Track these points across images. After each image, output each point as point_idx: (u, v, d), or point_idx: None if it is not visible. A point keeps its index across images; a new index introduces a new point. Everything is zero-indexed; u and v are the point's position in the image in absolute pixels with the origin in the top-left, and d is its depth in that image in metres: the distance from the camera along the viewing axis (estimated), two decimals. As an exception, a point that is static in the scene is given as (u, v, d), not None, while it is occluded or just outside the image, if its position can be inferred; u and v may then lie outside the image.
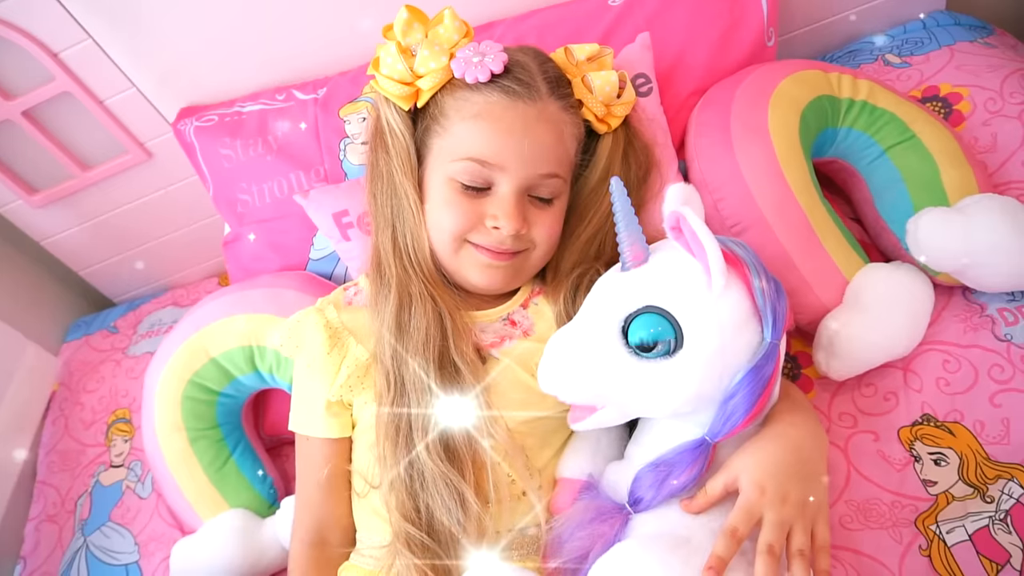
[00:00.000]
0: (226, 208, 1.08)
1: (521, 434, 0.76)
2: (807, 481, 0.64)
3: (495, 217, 0.75)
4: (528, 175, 0.76)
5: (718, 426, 0.66)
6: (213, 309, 0.98)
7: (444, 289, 0.79)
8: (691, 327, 0.64)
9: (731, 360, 0.64)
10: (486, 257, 0.77)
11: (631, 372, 0.66)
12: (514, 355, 0.78)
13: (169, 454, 0.95)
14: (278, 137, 1.04)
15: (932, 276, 0.87)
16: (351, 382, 0.78)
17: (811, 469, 0.65)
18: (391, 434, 0.74)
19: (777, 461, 0.64)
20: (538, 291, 0.84)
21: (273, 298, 0.96)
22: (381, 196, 0.81)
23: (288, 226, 1.03)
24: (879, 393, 0.85)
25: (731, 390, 0.65)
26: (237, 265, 1.08)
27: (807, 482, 0.64)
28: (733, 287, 0.64)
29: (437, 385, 0.73)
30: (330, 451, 0.81)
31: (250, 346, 0.95)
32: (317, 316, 0.81)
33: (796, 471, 0.64)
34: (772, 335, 0.65)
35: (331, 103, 1.04)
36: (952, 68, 1.07)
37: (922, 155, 0.91)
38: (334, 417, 0.80)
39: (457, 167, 0.76)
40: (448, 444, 0.72)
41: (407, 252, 0.79)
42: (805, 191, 0.86)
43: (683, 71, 0.98)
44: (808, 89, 0.93)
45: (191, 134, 1.08)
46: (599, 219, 0.83)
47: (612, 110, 0.83)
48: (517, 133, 0.74)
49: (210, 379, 0.96)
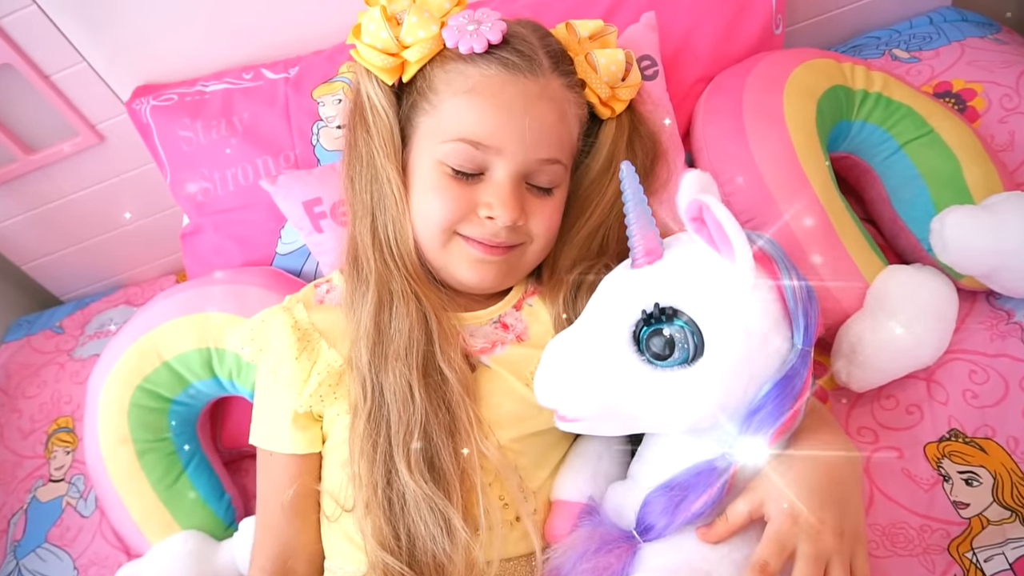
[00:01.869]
0: (184, 196, 0.98)
1: (514, 452, 0.68)
2: (843, 507, 0.56)
3: (489, 206, 0.67)
4: (527, 159, 0.68)
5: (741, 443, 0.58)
6: (167, 307, 0.89)
7: (429, 287, 0.70)
8: (713, 331, 0.56)
9: (758, 369, 0.57)
10: (477, 251, 0.69)
11: (643, 382, 0.58)
12: (506, 362, 0.70)
13: (114, 468, 0.87)
14: (244, 119, 0.95)
15: (955, 280, 0.81)
16: (322, 391, 0.70)
17: (847, 493, 0.58)
18: (367, 450, 0.66)
19: (810, 485, 0.56)
20: (532, 291, 0.77)
21: (234, 295, 0.87)
22: (360, 181, 0.72)
23: (253, 217, 0.95)
24: (901, 406, 0.79)
25: (757, 403, 0.57)
26: (196, 259, 1.00)
27: (843, 508, 0.56)
28: (761, 287, 0.57)
29: (420, 395, 0.65)
30: (296, 468, 0.73)
31: (207, 348, 0.87)
32: (284, 316, 0.72)
33: (831, 496, 0.56)
34: (804, 341, 0.57)
35: (304, 83, 0.96)
36: (964, 64, 1.03)
37: (942, 151, 0.86)
38: (302, 430, 0.72)
39: (447, 149, 0.68)
40: (433, 462, 0.64)
41: (388, 244, 0.70)
42: (824, 185, 0.80)
43: (688, 56, 0.92)
44: (823, 78, 0.87)
45: (147, 114, 0.99)
46: (601, 212, 0.75)
47: (617, 93, 0.76)
48: (516, 111, 0.66)
49: (162, 385, 0.88)
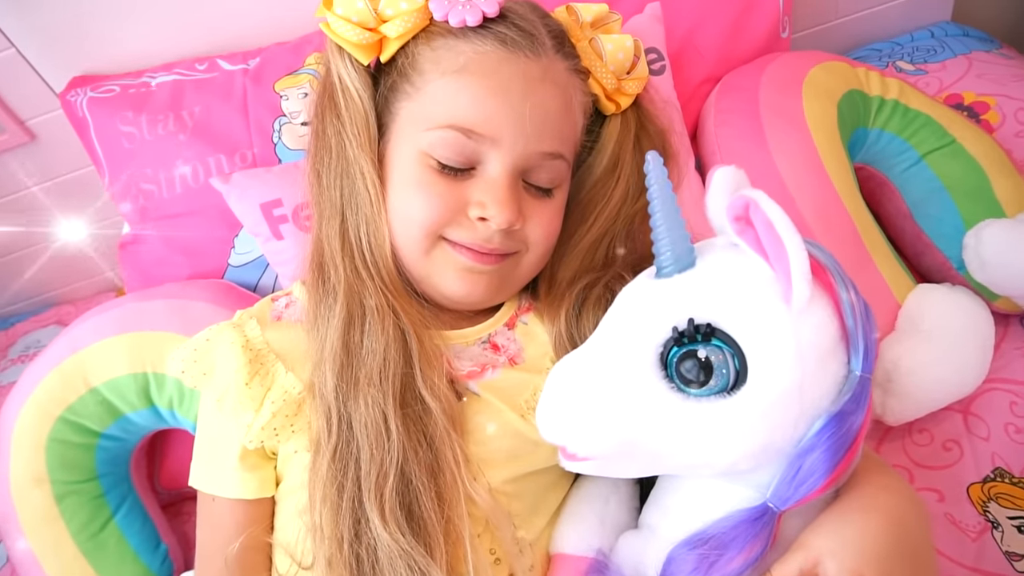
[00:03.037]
0: (125, 200, 0.86)
1: (507, 496, 0.57)
2: (917, 568, 0.47)
3: (482, 205, 0.58)
4: (527, 151, 0.58)
5: (787, 490, 0.48)
6: (97, 325, 0.77)
7: (408, 300, 0.60)
8: (759, 354, 0.47)
9: (811, 400, 0.47)
10: (466, 259, 0.59)
11: (671, 415, 0.48)
12: (497, 389, 0.60)
13: (27, 514, 0.74)
14: (195, 113, 0.84)
15: (989, 301, 0.74)
16: (276, 423, 0.59)
17: (918, 549, 0.48)
18: (332, 496, 0.54)
19: (875, 541, 0.47)
20: (527, 307, 0.67)
21: (177, 312, 0.76)
22: (328, 175, 0.62)
23: (203, 223, 0.84)
24: (936, 441, 0.70)
25: (808, 442, 0.48)
26: (136, 272, 0.88)
27: (916, 568, 0.47)
28: (817, 302, 0.48)
29: (397, 428, 0.54)
30: (244, 516, 0.61)
31: (144, 373, 0.75)
32: (233, 334, 0.61)
33: (901, 553, 0.47)
34: (863, 366, 0.48)
35: (265, 75, 0.86)
36: (973, 77, 0.98)
37: (966, 162, 0.79)
38: (251, 471, 0.61)
39: (432, 138, 0.58)
40: (412, 510, 0.53)
41: (360, 250, 0.60)
42: (850, 193, 0.72)
43: (693, 55, 0.84)
44: (840, 80, 0.80)
45: (83, 106, 0.87)
46: (606, 219, 0.66)
47: (623, 86, 0.67)
48: (515, 95, 0.57)
49: (88, 416, 0.75)
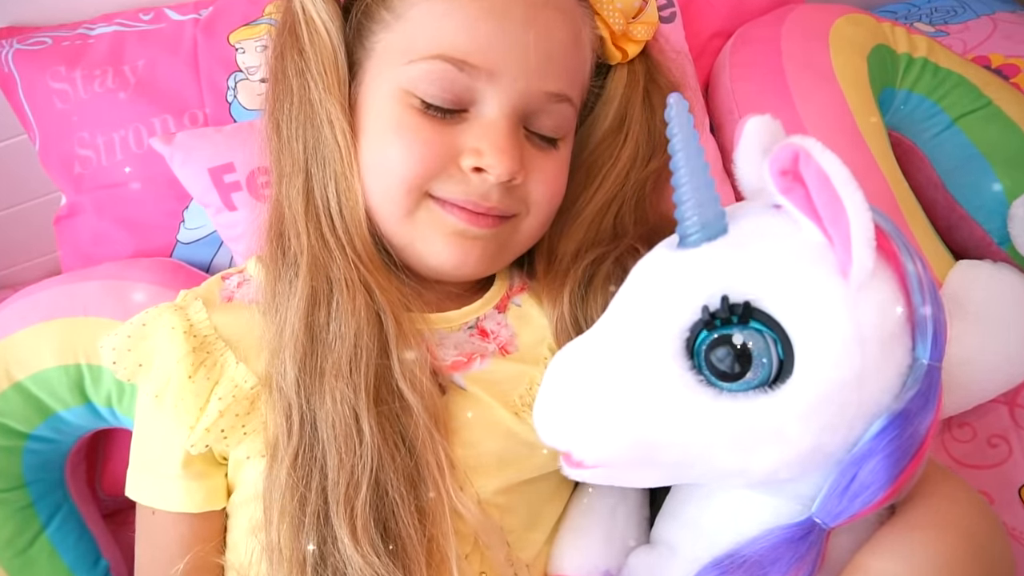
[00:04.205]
0: (59, 168, 0.76)
1: (499, 508, 0.49)
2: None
3: (477, 152, 0.48)
4: (529, 89, 0.49)
5: (838, 503, 0.40)
6: (20, 311, 0.67)
7: (386, 275, 0.51)
8: (809, 339, 0.38)
9: (870, 396, 0.39)
10: (458, 219, 0.50)
11: (700, 414, 0.40)
12: (487, 383, 0.51)
13: None
14: (138, 68, 0.74)
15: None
16: (225, 423, 0.50)
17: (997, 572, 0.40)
18: (292, 510, 0.46)
19: (949, 564, 0.39)
20: (521, 286, 0.58)
21: (115, 294, 0.66)
22: (289, 125, 0.52)
23: (148, 194, 0.73)
24: (979, 436, 0.63)
25: (866, 446, 0.39)
26: (73, 250, 0.78)
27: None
28: (881, 275, 0.39)
29: (371, 428, 0.46)
30: (190, 533, 0.53)
31: (77, 365, 0.64)
32: (175, 318, 0.51)
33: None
34: (932, 354, 0.40)
35: (218, 25, 0.75)
36: (1000, 38, 0.91)
37: (1005, 125, 0.72)
38: (197, 479, 0.52)
39: (416, 72, 0.49)
40: (388, 527, 0.45)
41: (328, 213, 0.51)
42: (886, 157, 0.64)
43: (703, 6, 0.76)
44: (868, 34, 0.72)
45: (9, 61, 0.77)
46: (614, 182, 0.57)
47: (631, 30, 0.58)
48: (516, 19, 0.48)
49: (12, 415, 0.65)
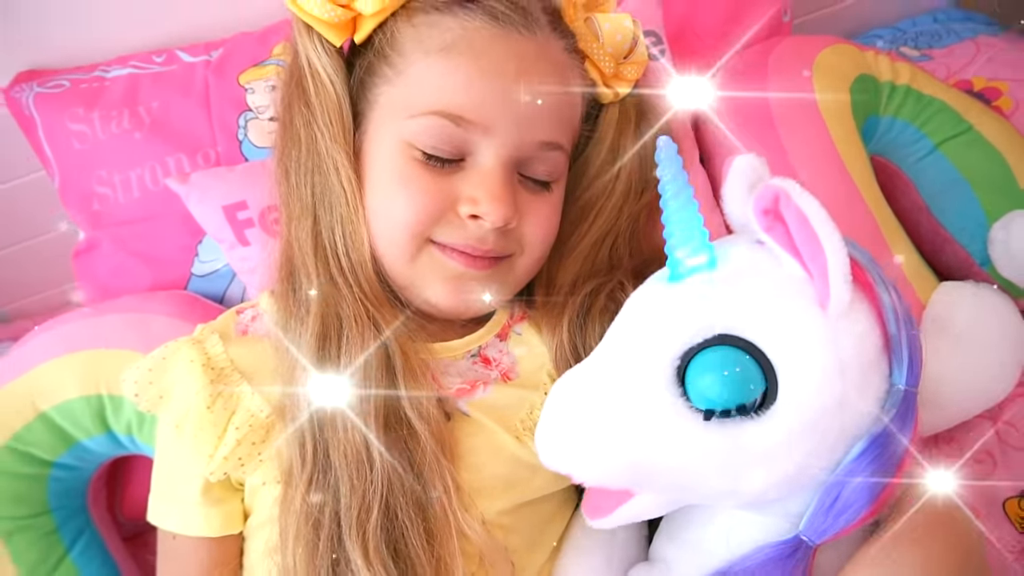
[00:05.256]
0: (77, 205, 0.80)
1: (503, 529, 0.52)
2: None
3: (474, 200, 0.52)
4: (522, 140, 0.52)
5: (823, 521, 0.43)
6: (45, 344, 0.70)
7: (391, 310, 0.54)
8: (792, 368, 0.41)
9: (851, 421, 0.42)
10: (458, 263, 0.53)
11: (691, 439, 0.42)
12: (490, 408, 0.54)
13: None
14: (152, 109, 0.77)
15: (1016, 298, 0.68)
16: (242, 451, 0.52)
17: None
18: (307, 533, 0.49)
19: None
20: (521, 315, 0.61)
21: (135, 327, 0.69)
22: (298, 171, 0.55)
23: (163, 229, 0.77)
24: (965, 451, 0.65)
25: (848, 467, 0.42)
26: (92, 283, 0.81)
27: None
28: (858, 306, 0.42)
29: (381, 455, 0.48)
30: (209, 556, 0.55)
31: (98, 395, 0.67)
32: (193, 351, 0.54)
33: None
34: (909, 379, 0.43)
35: (229, 67, 0.79)
36: (983, 61, 0.94)
37: (986, 151, 0.75)
38: (216, 505, 0.55)
39: (417, 126, 0.52)
40: (398, 548, 0.48)
41: (336, 254, 0.54)
42: (869, 186, 0.67)
43: (692, 40, 0.79)
44: (851, 64, 0.75)
45: (30, 103, 0.80)
46: (608, 215, 0.60)
47: (621, 70, 0.61)
48: (508, 76, 0.51)
49: (38, 444, 0.68)
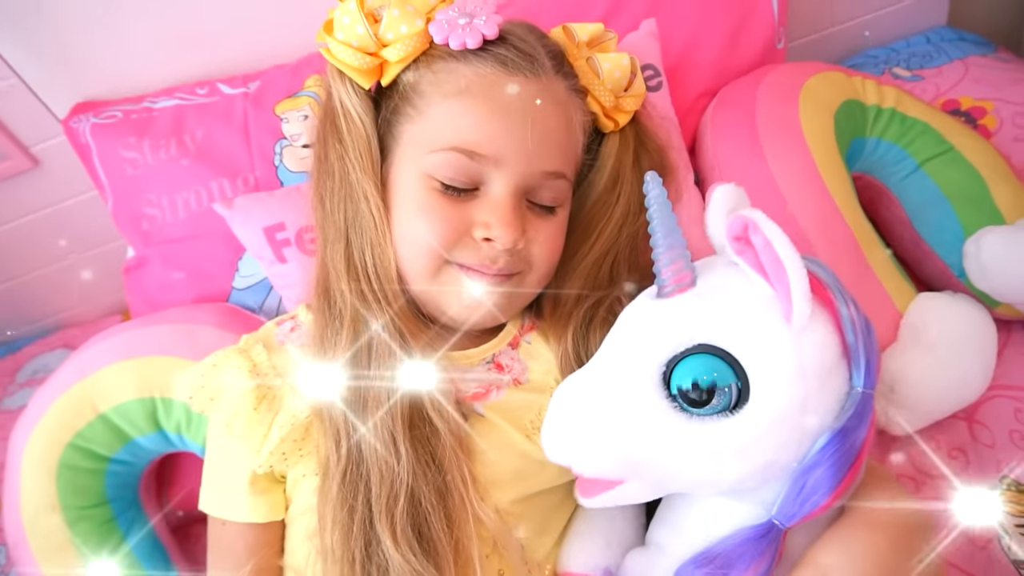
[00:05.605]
0: (128, 225, 0.88)
1: (515, 516, 0.58)
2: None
3: (486, 225, 0.58)
4: (529, 171, 0.59)
5: (792, 506, 0.49)
6: (103, 351, 0.77)
7: (415, 322, 0.60)
8: (761, 373, 0.47)
9: (814, 418, 0.48)
10: (472, 280, 0.60)
11: (675, 435, 0.48)
12: (503, 410, 0.61)
13: (38, 541, 0.75)
14: (197, 137, 0.85)
15: (991, 308, 0.74)
16: (285, 447, 0.59)
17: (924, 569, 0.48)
18: (342, 518, 0.55)
19: (882, 557, 0.47)
20: (531, 326, 0.67)
21: (184, 336, 0.76)
22: (332, 200, 0.62)
23: (207, 247, 0.84)
24: (942, 449, 0.70)
25: (812, 459, 0.48)
26: (140, 296, 0.89)
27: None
28: (818, 319, 0.48)
29: (406, 450, 0.55)
30: (255, 539, 0.62)
31: (151, 398, 0.75)
32: (240, 359, 0.62)
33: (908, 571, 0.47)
34: (866, 382, 0.49)
35: (265, 98, 0.86)
36: (970, 82, 0.99)
37: (965, 169, 0.79)
38: (261, 495, 0.61)
39: (435, 160, 0.58)
40: (422, 531, 0.54)
41: (366, 273, 0.61)
42: (849, 205, 0.73)
43: (690, 69, 0.85)
44: (836, 90, 0.81)
45: (86, 133, 0.88)
46: (609, 235, 0.66)
47: (621, 103, 0.68)
48: (516, 115, 0.58)
49: (98, 442, 0.76)
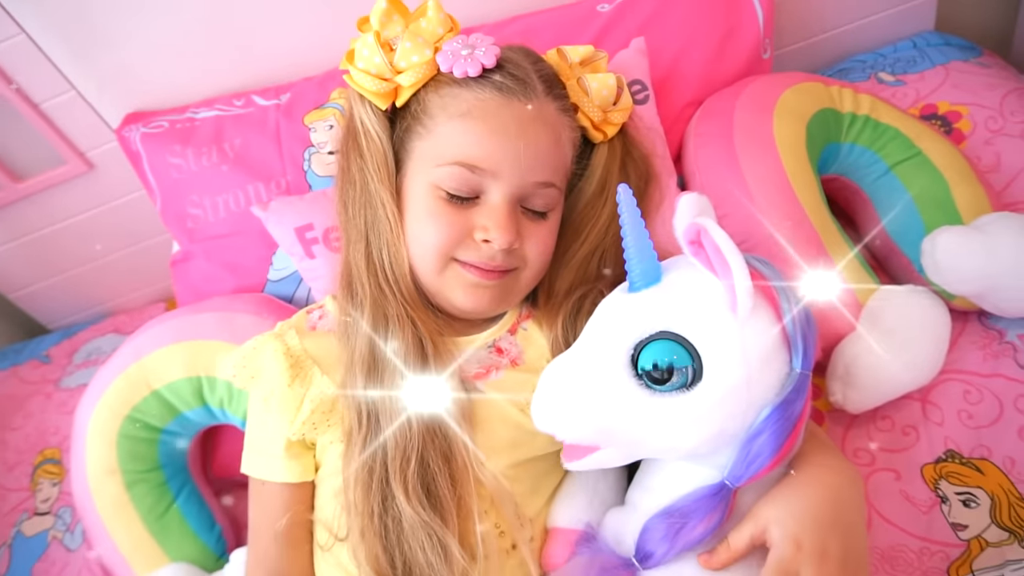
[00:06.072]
0: (175, 223, 0.98)
1: (510, 478, 0.67)
2: (847, 533, 0.56)
3: (485, 229, 0.67)
4: (522, 182, 0.68)
5: (740, 469, 0.58)
6: (156, 335, 0.88)
7: (425, 311, 0.70)
8: (712, 356, 0.56)
9: (757, 394, 0.57)
10: (473, 275, 0.69)
11: (641, 407, 0.57)
12: (502, 387, 0.70)
13: (102, 500, 0.86)
14: (235, 145, 0.95)
15: (947, 300, 0.81)
16: (315, 418, 0.69)
17: (851, 519, 0.57)
18: (363, 478, 0.65)
19: (813, 511, 0.56)
20: (527, 315, 0.76)
21: (225, 323, 0.87)
22: (353, 206, 0.72)
23: (244, 243, 0.94)
24: (897, 427, 0.78)
25: (756, 428, 0.57)
26: (186, 287, 0.99)
27: (847, 535, 0.56)
28: (760, 310, 0.57)
29: (417, 422, 0.64)
30: (290, 497, 0.72)
31: (198, 377, 0.86)
32: (276, 343, 0.72)
33: (835, 522, 0.56)
34: (803, 365, 0.57)
35: (295, 109, 0.96)
36: (949, 87, 1.05)
37: (930, 172, 0.87)
38: (294, 459, 0.71)
39: (442, 173, 0.68)
40: (430, 489, 0.64)
41: (383, 269, 0.70)
42: (816, 208, 0.80)
43: (678, 81, 0.93)
44: (811, 101, 0.88)
45: (137, 141, 0.99)
46: (596, 235, 0.75)
47: (609, 117, 0.76)
48: (511, 134, 0.67)
49: (151, 415, 0.87)
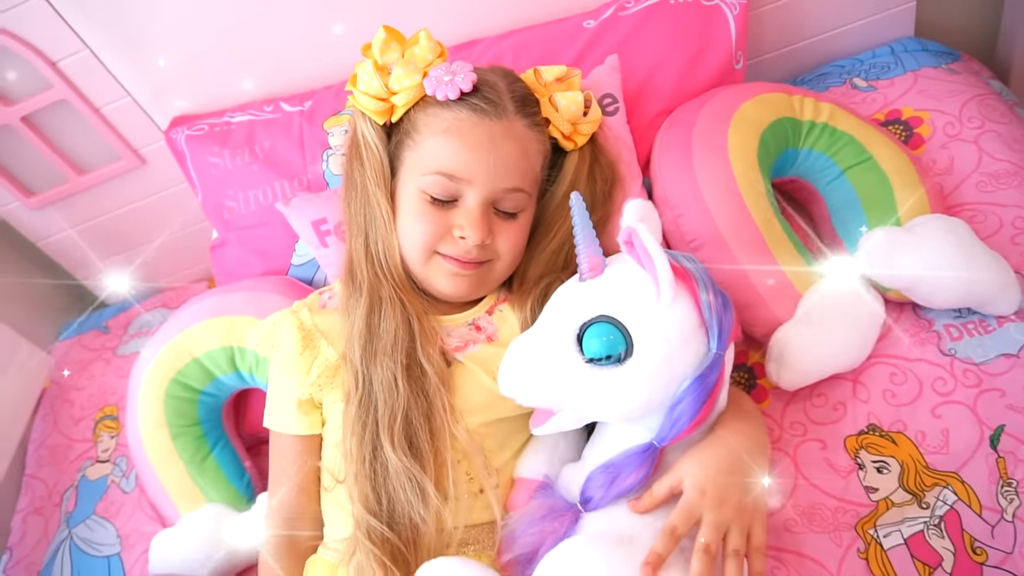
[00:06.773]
0: (214, 214, 1.11)
1: (481, 435, 0.79)
2: (747, 487, 0.67)
3: (461, 228, 0.79)
4: (493, 189, 0.79)
5: (665, 431, 0.69)
6: (197, 311, 1.01)
7: (413, 294, 0.82)
8: (641, 337, 0.67)
9: (678, 369, 0.68)
10: (453, 266, 0.81)
11: (585, 378, 0.69)
12: (477, 359, 0.82)
13: (152, 450, 0.98)
14: (264, 147, 1.08)
15: (883, 292, 0.90)
16: (321, 381, 0.82)
17: (751, 475, 0.69)
18: (358, 430, 0.77)
19: (719, 466, 0.67)
20: (503, 299, 0.88)
21: (254, 301, 0.99)
22: (355, 205, 0.85)
23: (272, 232, 1.06)
24: (829, 403, 0.88)
25: (678, 397, 0.68)
26: (222, 269, 1.12)
27: (746, 488, 0.67)
28: (681, 300, 0.68)
29: (403, 385, 0.77)
30: (301, 447, 0.85)
31: (231, 347, 0.98)
32: (291, 318, 0.85)
33: (736, 476, 0.67)
34: (717, 346, 0.68)
35: (316, 116, 1.08)
36: (915, 93, 1.11)
37: (878, 176, 0.94)
38: (305, 415, 0.84)
39: (427, 180, 0.80)
40: (412, 441, 0.76)
41: (378, 258, 0.83)
42: (761, 210, 0.90)
43: (651, 92, 1.02)
44: (769, 111, 0.97)
45: (182, 142, 1.12)
46: (565, 232, 0.86)
47: (578, 128, 0.87)
48: (483, 148, 0.78)
49: (192, 378, 0.99)
